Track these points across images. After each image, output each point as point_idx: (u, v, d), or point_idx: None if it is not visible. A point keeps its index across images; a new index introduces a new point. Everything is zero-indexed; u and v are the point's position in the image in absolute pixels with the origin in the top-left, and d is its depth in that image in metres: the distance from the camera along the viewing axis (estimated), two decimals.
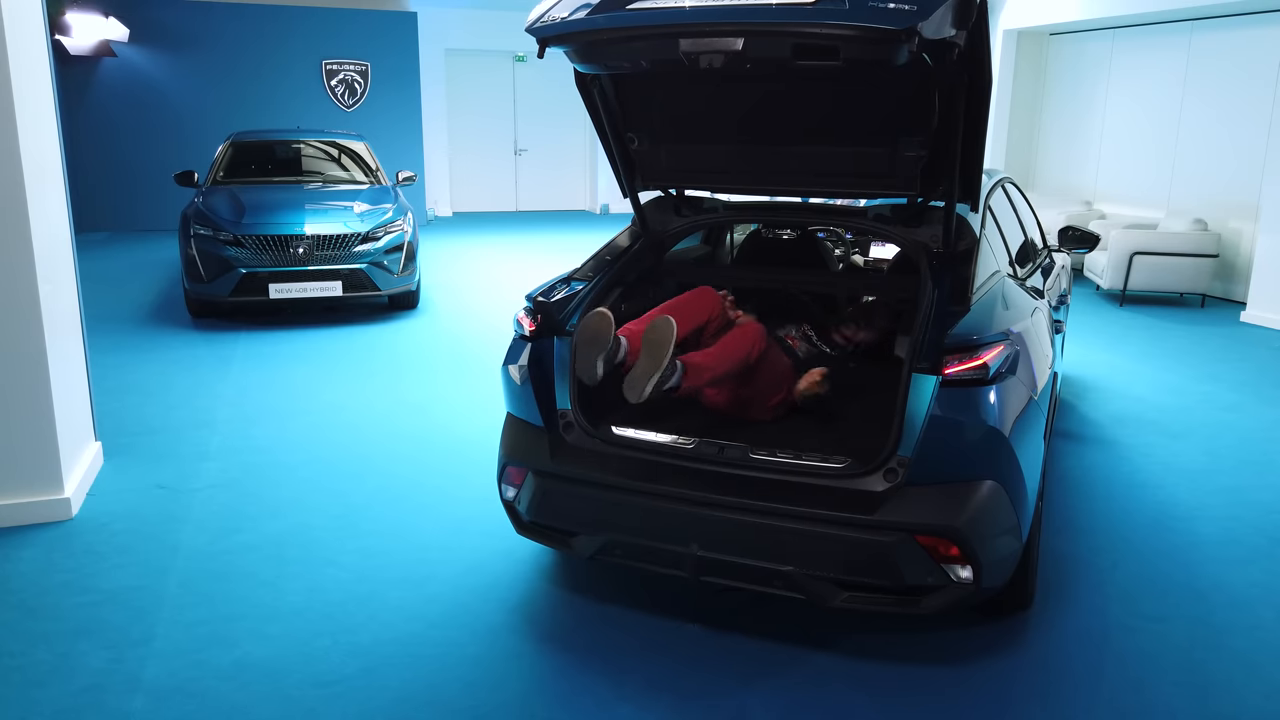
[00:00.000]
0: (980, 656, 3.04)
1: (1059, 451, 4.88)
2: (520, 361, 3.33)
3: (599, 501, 3.04)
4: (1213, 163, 9.40)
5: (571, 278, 3.61)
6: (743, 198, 3.99)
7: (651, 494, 2.96)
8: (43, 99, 4.06)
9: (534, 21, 2.93)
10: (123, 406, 5.49)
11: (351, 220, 7.69)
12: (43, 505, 3.95)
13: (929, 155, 3.26)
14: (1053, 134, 11.91)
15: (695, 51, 2.73)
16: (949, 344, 2.81)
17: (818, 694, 2.84)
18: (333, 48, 13.44)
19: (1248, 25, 8.94)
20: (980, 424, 2.78)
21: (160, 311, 8.13)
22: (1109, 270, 8.87)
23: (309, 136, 9.44)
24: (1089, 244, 5.35)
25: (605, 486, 3.03)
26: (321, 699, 2.79)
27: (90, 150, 12.65)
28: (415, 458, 4.77)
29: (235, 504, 4.18)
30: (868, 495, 2.81)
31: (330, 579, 3.51)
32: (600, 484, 3.05)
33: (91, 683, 2.85)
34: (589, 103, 3.51)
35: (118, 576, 3.51)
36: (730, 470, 3.00)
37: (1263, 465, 4.80)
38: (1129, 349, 7.21)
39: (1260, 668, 3.00)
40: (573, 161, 16.36)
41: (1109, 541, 3.88)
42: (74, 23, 11.51)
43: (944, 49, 2.66)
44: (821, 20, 2.54)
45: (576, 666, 2.97)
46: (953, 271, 3.20)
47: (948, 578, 2.76)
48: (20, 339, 3.84)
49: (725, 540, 2.89)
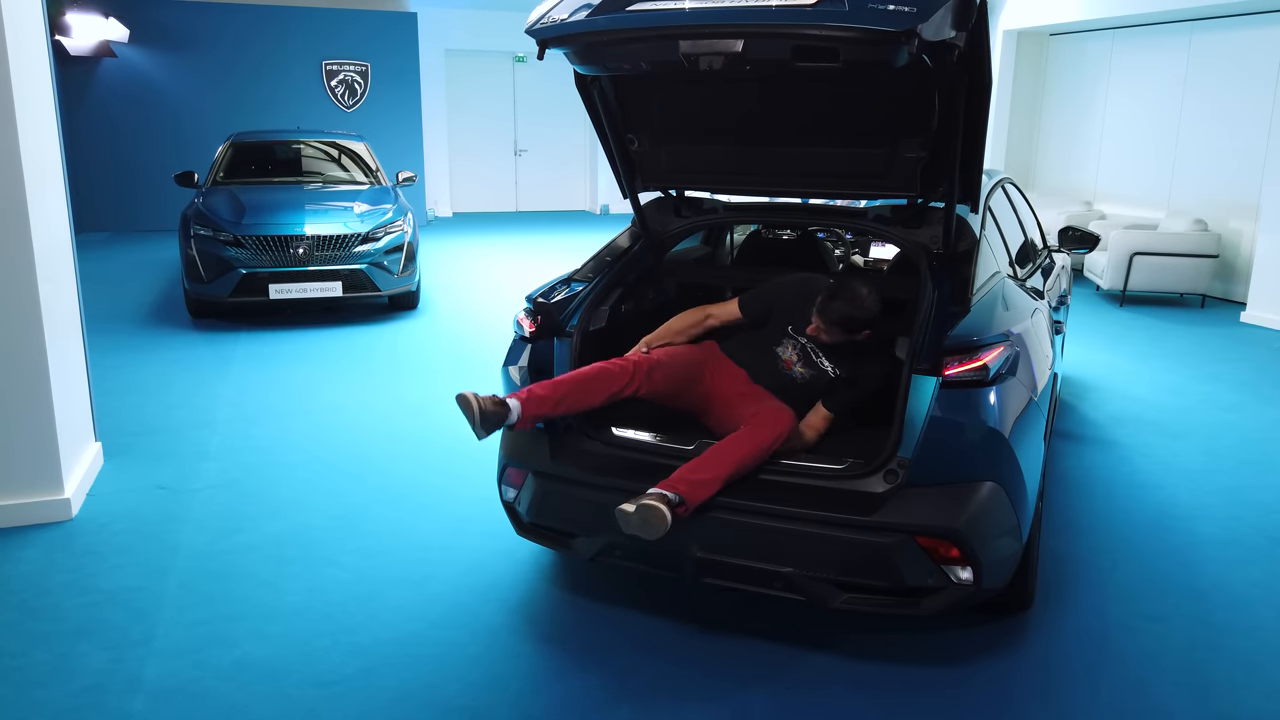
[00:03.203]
0: (980, 656, 3.04)
1: (1059, 451, 4.88)
2: (520, 363, 3.33)
3: (599, 503, 3.04)
4: (1213, 163, 9.40)
5: (572, 279, 3.61)
6: (743, 198, 3.99)
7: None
8: (43, 99, 4.06)
9: (534, 23, 2.93)
10: (123, 406, 5.49)
11: (351, 221, 7.69)
12: (43, 505, 3.95)
13: (929, 156, 3.26)
14: (1053, 134, 11.91)
15: (695, 53, 2.73)
16: (949, 345, 2.81)
17: (817, 695, 2.84)
18: (333, 48, 13.44)
19: (1248, 25, 8.94)
20: (980, 425, 2.79)
21: (160, 312, 8.13)
22: (1109, 270, 8.87)
23: (309, 137, 9.44)
24: (1089, 244, 5.35)
25: (605, 488, 3.02)
26: (321, 699, 2.79)
27: (90, 150, 12.65)
28: (415, 458, 4.77)
29: (235, 504, 4.18)
30: (868, 496, 2.81)
31: (330, 579, 3.51)
32: (600, 485, 3.05)
33: (91, 683, 2.85)
34: (589, 104, 3.51)
35: (118, 577, 3.51)
36: None
37: (1263, 465, 4.80)
38: (1129, 349, 7.21)
39: (1260, 668, 3.00)
40: (573, 162, 16.35)
41: (1109, 541, 3.88)
42: (74, 23, 11.52)
43: (944, 50, 2.66)
44: (821, 22, 2.54)
45: (576, 667, 2.97)
46: (953, 272, 3.20)
47: (948, 579, 2.77)
48: (20, 339, 3.84)
49: (725, 541, 2.89)
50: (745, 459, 2.94)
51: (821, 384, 3.33)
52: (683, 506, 2.81)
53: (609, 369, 3.13)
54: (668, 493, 2.79)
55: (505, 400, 2.98)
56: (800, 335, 3.35)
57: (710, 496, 2.85)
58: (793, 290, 3.43)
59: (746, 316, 3.48)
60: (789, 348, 3.38)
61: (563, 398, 3.04)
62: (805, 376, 3.35)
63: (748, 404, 3.21)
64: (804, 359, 3.36)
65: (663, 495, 2.78)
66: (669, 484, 2.83)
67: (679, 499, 2.80)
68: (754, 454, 2.96)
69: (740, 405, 3.21)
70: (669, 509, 2.75)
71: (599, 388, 3.10)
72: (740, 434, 3.00)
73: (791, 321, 3.38)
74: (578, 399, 3.07)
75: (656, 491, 2.80)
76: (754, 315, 3.47)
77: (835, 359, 3.33)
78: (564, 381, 3.09)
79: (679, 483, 2.83)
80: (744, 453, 2.94)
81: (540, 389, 3.04)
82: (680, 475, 2.86)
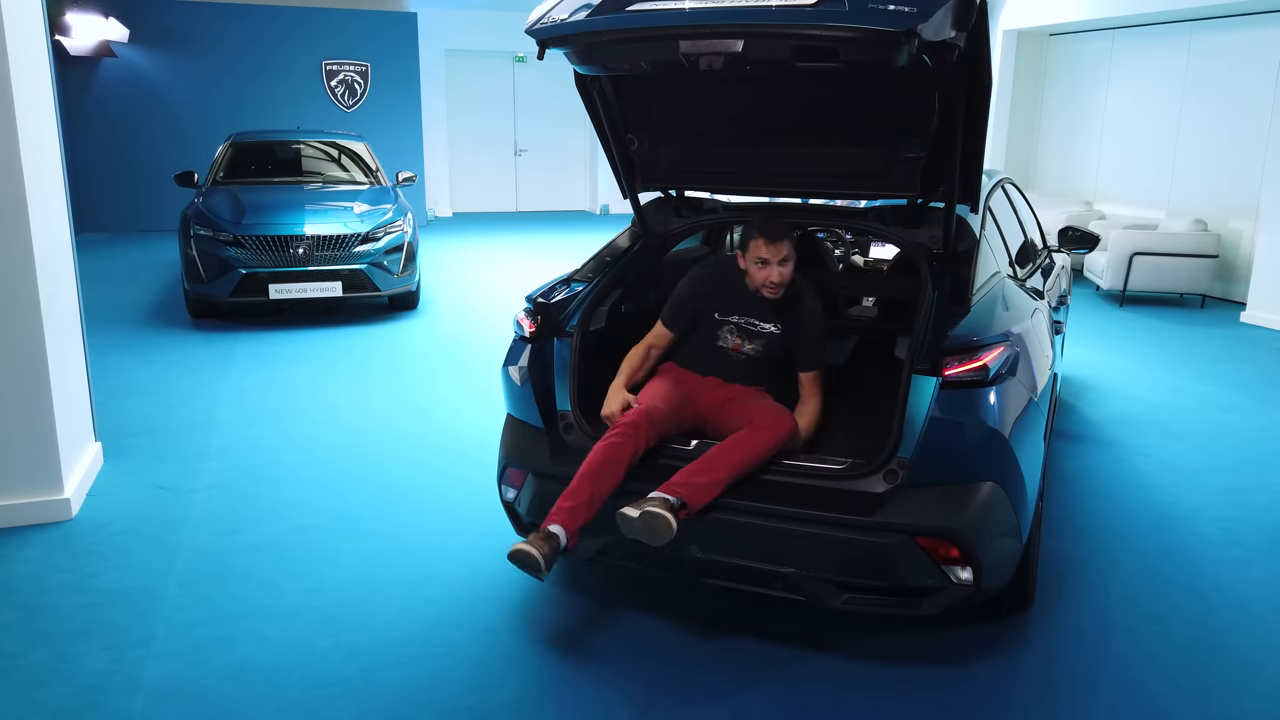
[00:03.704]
0: (980, 657, 3.04)
1: (1059, 451, 4.88)
2: (520, 363, 3.33)
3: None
4: (1213, 163, 9.39)
5: (572, 279, 3.61)
6: (743, 199, 3.98)
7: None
8: (43, 99, 4.06)
9: (534, 23, 2.93)
10: (123, 407, 5.49)
11: (351, 221, 7.69)
12: (43, 506, 3.95)
13: (929, 156, 3.26)
14: (1053, 134, 11.91)
15: (695, 53, 2.73)
16: (949, 345, 2.81)
17: (817, 695, 2.84)
18: (333, 48, 13.44)
19: (1248, 25, 8.94)
20: (980, 425, 2.78)
21: (160, 312, 8.13)
22: (1109, 270, 8.87)
23: (309, 137, 9.44)
24: (1089, 244, 5.35)
25: None
26: (321, 700, 2.79)
27: (90, 150, 12.65)
28: (415, 458, 4.77)
29: (235, 505, 4.18)
30: (868, 497, 2.81)
31: (330, 579, 3.51)
32: None
33: (91, 683, 2.85)
34: (589, 104, 3.51)
35: (118, 577, 3.51)
36: None
37: (1263, 465, 4.79)
38: (1129, 349, 7.21)
39: (1260, 668, 3.00)
40: (573, 162, 16.35)
41: (1109, 541, 3.87)
42: (74, 23, 11.51)
43: (944, 50, 2.66)
44: (821, 22, 2.54)
45: (576, 667, 2.97)
46: (952, 273, 3.20)
47: (948, 579, 2.76)
48: (20, 339, 3.83)
49: (724, 542, 2.89)
50: (746, 461, 2.93)
51: (774, 347, 3.33)
52: (685, 510, 2.80)
53: (612, 446, 3.00)
54: (669, 497, 2.79)
55: (548, 532, 2.85)
56: (728, 316, 3.34)
57: (712, 499, 2.85)
58: (700, 283, 3.43)
59: (676, 330, 3.42)
60: (727, 333, 3.36)
61: (591, 496, 2.92)
62: (757, 349, 3.35)
63: (737, 406, 3.22)
64: (745, 335, 3.34)
65: (665, 500, 2.78)
66: (670, 487, 2.82)
67: (680, 503, 2.80)
68: (755, 456, 2.95)
69: (731, 409, 3.22)
70: (673, 515, 2.74)
71: (615, 467, 2.97)
72: (741, 435, 3.00)
73: (715, 309, 3.36)
74: (603, 487, 2.94)
75: (658, 496, 2.79)
76: (682, 325, 3.41)
77: (771, 318, 3.33)
78: (583, 482, 2.94)
79: (680, 486, 2.83)
80: (744, 455, 2.94)
81: (567, 503, 2.91)
82: (681, 479, 2.85)
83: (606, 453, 2.98)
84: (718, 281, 3.39)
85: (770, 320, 3.34)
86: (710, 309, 3.37)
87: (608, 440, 3.01)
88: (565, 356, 3.28)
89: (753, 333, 3.34)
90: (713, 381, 3.34)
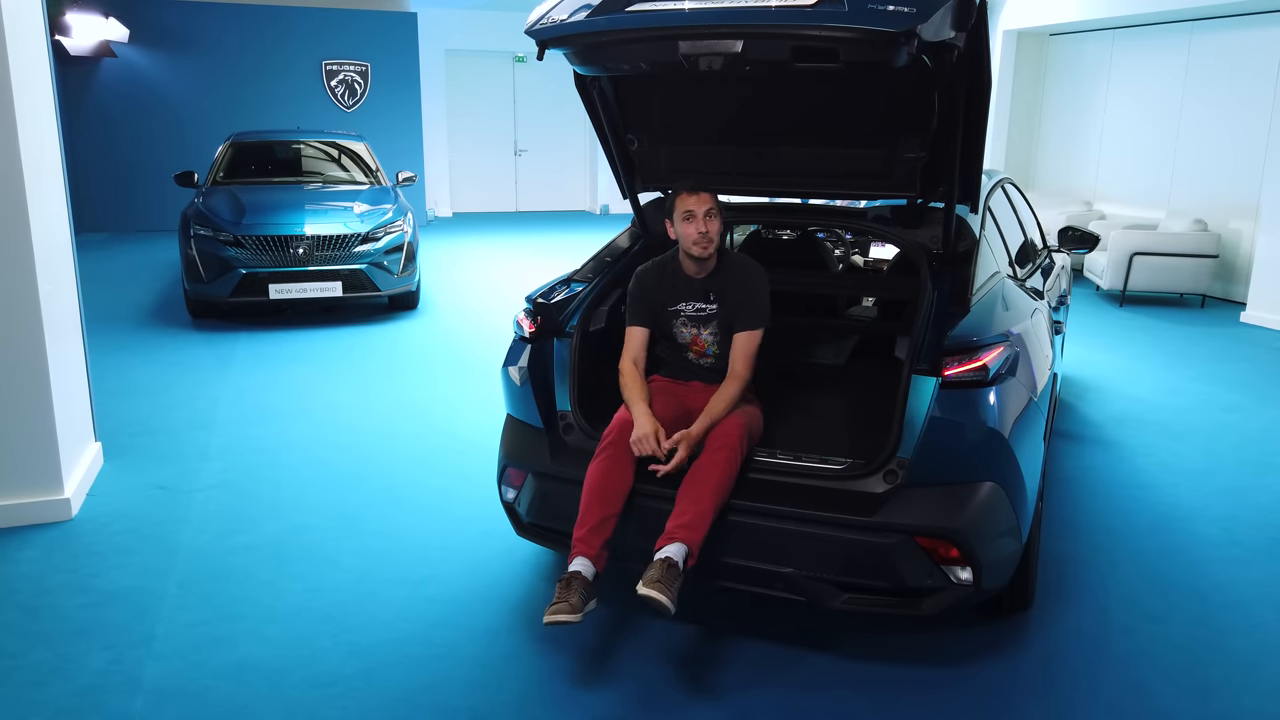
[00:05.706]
0: (980, 657, 3.04)
1: (1059, 451, 4.88)
2: (520, 363, 3.33)
3: None
4: (1213, 163, 9.40)
5: (571, 279, 3.61)
6: (742, 199, 3.99)
7: (650, 495, 2.96)
8: (43, 99, 4.06)
9: (534, 23, 2.93)
10: (123, 407, 5.49)
11: (351, 221, 7.69)
12: (43, 506, 3.95)
13: (929, 156, 3.26)
14: (1053, 134, 11.91)
15: (695, 54, 2.73)
16: (949, 345, 2.81)
17: (817, 695, 2.84)
18: (333, 48, 13.44)
19: (1248, 25, 8.94)
20: (980, 425, 2.79)
21: (160, 312, 8.13)
22: (1109, 270, 8.87)
23: (309, 137, 9.44)
24: (1089, 244, 5.35)
25: None
26: (321, 700, 2.79)
27: (90, 150, 12.66)
28: (415, 458, 4.77)
29: (235, 505, 4.18)
30: (867, 497, 2.81)
31: (330, 579, 3.51)
32: None
33: (91, 683, 2.85)
34: (588, 104, 3.51)
35: (118, 577, 3.51)
36: None
37: (1263, 465, 4.80)
38: (1129, 349, 7.21)
39: (1260, 668, 3.00)
40: (573, 162, 16.36)
41: (1109, 541, 3.88)
42: (74, 23, 11.52)
43: (943, 51, 2.66)
44: (821, 22, 2.54)
45: (576, 667, 2.97)
46: (952, 273, 3.20)
47: (948, 579, 2.77)
48: (20, 339, 3.84)
49: (724, 542, 2.89)
50: (719, 483, 2.86)
51: (722, 321, 3.26)
52: (691, 559, 2.77)
53: (607, 460, 2.97)
54: (673, 556, 2.73)
55: (577, 574, 2.82)
56: (677, 306, 3.28)
57: (709, 527, 2.80)
58: (643, 277, 3.33)
59: (646, 323, 3.31)
60: (682, 326, 3.31)
61: (602, 518, 2.90)
62: (715, 336, 3.29)
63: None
64: (697, 322, 3.29)
65: (668, 562, 2.71)
66: (667, 538, 2.77)
67: (685, 551, 2.76)
68: (725, 473, 2.88)
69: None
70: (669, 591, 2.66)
71: (617, 480, 2.95)
72: (700, 462, 2.92)
73: (665, 302, 3.29)
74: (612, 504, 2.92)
75: (662, 560, 2.72)
76: (647, 320, 3.32)
77: (709, 298, 3.26)
78: (590, 507, 2.91)
79: (676, 531, 2.78)
80: (715, 480, 2.86)
81: (581, 530, 2.89)
82: (672, 527, 2.80)
83: (604, 474, 2.95)
84: (657, 274, 3.31)
85: (709, 300, 3.27)
86: (662, 302, 3.30)
87: (600, 460, 2.98)
88: (565, 357, 3.28)
89: (701, 318, 3.28)
90: (695, 386, 3.31)
